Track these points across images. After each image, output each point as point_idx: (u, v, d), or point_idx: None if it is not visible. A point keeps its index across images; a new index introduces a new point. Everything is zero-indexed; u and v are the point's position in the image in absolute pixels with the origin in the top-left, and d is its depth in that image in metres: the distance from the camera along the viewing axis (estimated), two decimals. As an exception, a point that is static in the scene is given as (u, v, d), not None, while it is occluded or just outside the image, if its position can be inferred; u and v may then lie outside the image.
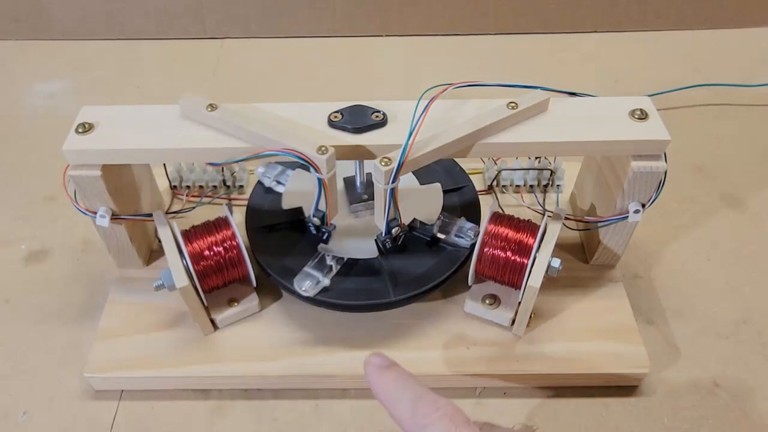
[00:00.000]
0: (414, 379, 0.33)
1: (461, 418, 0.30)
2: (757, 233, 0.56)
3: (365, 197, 0.48)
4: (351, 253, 0.45)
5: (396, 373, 0.33)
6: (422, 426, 0.30)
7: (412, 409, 0.31)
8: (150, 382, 0.45)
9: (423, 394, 0.31)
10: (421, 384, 0.32)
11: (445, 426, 0.29)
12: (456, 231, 0.46)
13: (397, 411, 0.31)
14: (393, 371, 0.33)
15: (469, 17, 0.82)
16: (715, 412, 0.44)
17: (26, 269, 0.54)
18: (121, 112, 0.43)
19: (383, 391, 0.32)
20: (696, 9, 0.82)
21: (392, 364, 0.33)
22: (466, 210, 0.49)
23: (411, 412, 0.31)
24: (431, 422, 0.30)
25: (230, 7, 0.81)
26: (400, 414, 0.31)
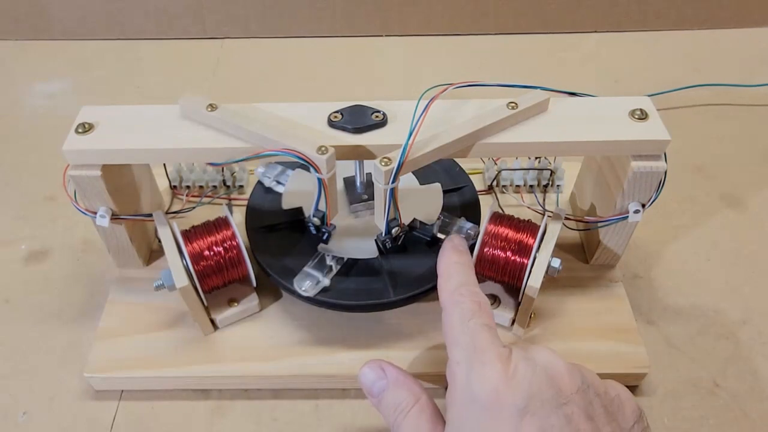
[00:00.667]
0: (473, 273, 0.37)
1: (488, 310, 0.34)
2: (757, 233, 0.56)
3: (365, 197, 0.48)
4: (351, 253, 0.45)
5: (463, 258, 0.38)
6: (455, 302, 0.34)
7: (456, 287, 0.35)
8: (150, 382, 0.45)
9: (472, 284, 0.36)
10: (476, 279, 0.37)
11: (472, 307, 0.34)
12: (456, 231, 0.46)
13: (445, 284, 0.36)
14: (463, 256, 0.38)
15: (469, 17, 0.82)
16: (715, 412, 0.44)
17: (26, 269, 0.54)
18: (121, 112, 0.43)
19: (445, 265, 0.37)
20: (696, 9, 0.82)
21: (466, 252, 0.39)
22: (466, 210, 0.49)
23: (455, 288, 0.35)
24: (463, 301, 0.34)
25: (230, 7, 0.81)
26: (447, 286, 0.36)
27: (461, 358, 0.32)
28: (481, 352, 0.31)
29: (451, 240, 0.39)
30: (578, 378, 0.31)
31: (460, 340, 0.33)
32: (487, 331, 0.33)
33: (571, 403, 0.29)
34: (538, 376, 0.30)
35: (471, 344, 0.32)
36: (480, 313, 0.34)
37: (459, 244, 0.39)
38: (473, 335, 0.32)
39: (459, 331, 0.33)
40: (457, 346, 0.33)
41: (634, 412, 0.32)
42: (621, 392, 0.32)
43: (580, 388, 0.30)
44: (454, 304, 0.34)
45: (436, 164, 0.48)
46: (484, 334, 0.32)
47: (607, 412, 0.30)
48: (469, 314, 0.33)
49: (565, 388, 0.30)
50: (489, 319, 0.34)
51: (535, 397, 0.29)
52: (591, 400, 0.30)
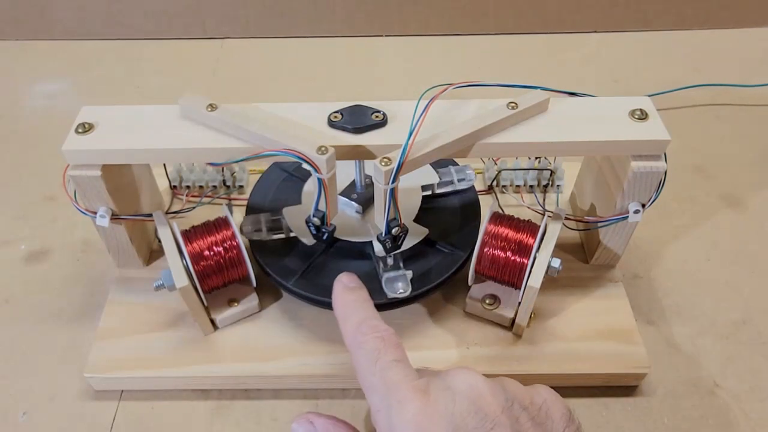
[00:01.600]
0: (371, 306, 0.36)
1: (393, 341, 0.33)
2: (757, 233, 0.56)
3: (354, 196, 0.48)
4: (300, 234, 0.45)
5: (357, 295, 0.36)
6: (359, 342, 0.33)
7: (357, 326, 0.34)
8: (150, 382, 0.45)
9: (371, 318, 0.34)
10: (376, 312, 0.35)
11: (376, 345, 0.32)
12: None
13: (345, 326, 0.35)
14: (356, 293, 0.37)
15: (469, 17, 0.82)
16: (715, 412, 0.44)
17: (26, 269, 0.54)
18: (121, 112, 0.43)
19: (341, 307, 0.36)
20: (696, 9, 0.82)
21: (359, 287, 0.37)
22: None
23: (354, 328, 0.34)
24: (366, 341, 0.33)
25: (230, 7, 0.81)
26: (346, 329, 0.35)
27: (379, 403, 0.30)
28: (395, 390, 0.30)
29: (339, 280, 0.38)
30: (501, 396, 0.30)
31: (372, 383, 0.31)
32: (395, 366, 0.31)
33: (498, 426, 0.28)
34: (460, 405, 0.29)
35: (383, 385, 0.31)
36: (385, 349, 0.32)
37: (348, 281, 0.37)
38: (383, 375, 0.31)
39: (369, 375, 0.32)
40: (372, 392, 0.31)
41: (563, 415, 0.31)
42: (547, 397, 0.32)
43: (505, 406, 0.29)
44: (358, 347, 0.33)
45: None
46: (393, 371, 0.31)
47: (535, 423, 0.30)
48: (374, 354, 0.32)
49: (490, 411, 0.29)
50: (397, 353, 0.32)
51: (459, 428, 0.28)
52: (517, 417, 0.29)
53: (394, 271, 0.44)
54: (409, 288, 0.42)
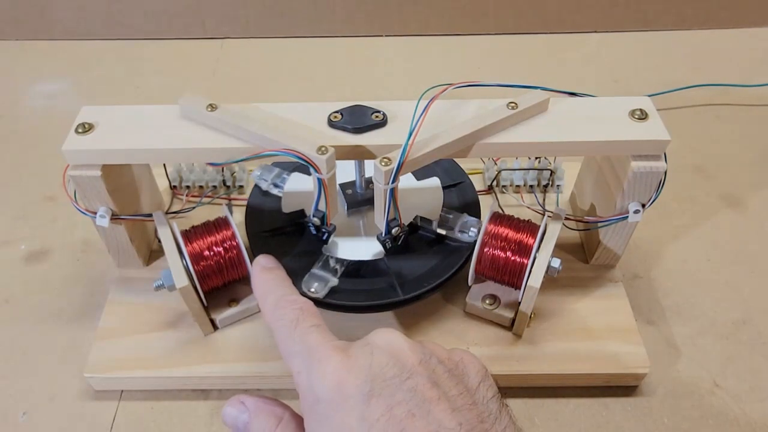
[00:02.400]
0: (290, 284, 0.37)
1: (312, 310, 0.34)
2: (757, 233, 0.56)
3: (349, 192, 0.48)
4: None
5: (275, 275, 0.37)
6: (277, 317, 0.33)
7: (275, 302, 0.34)
8: (150, 382, 0.45)
9: (289, 294, 0.35)
10: (294, 288, 0.36)
11: (295, 315, 0.33)
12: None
13: (264, 305, 0.35)
14: (274, 272, 0.38)
15: (469, 17, 0.82)
16: (715, 412, 0.44)
17: (26, 269, 0.54)
18: (121, 112, 0.43)
19: (259, 286, 0.37)
20: (696, 9, 0.82)
21: (276, 267, 0.38)
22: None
23: (273, 304, 0.34)
24: (284, 313, 0.33)
25: (230, 7, 0.81)
26: (265, 306, 0.35)
27: (299, 365, 0.31)
28: (315, 350, 0.31)
29: (257, 262, 0.39)
30: (419, 350, 0.31)
31: (293, 349, 0.32)
32: (315, 330, 0.32)
33: (414, 375, 0.29)
34: (378, 358, 0.30)
35: (304, 348, 0.31)
36: (303, 317, 0.33)
37: (266, 262, 0.39)
38: (303, 339, 0.32)
39: (289, 342, 0.32)
40: (292, 357, 0.32)
41: (479, 372, 0.32)
42: (464, 356, 0.32)
43: (422, 359, 0.30)
44: (278, 320, 0.33)
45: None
46: (313, 335, 0.32)
47: (451, 375, 0.30)
48: (294, 322, 0.33)
49: (407, 363, 0.30)
50: (316, 320, 0.33)
51: (377, 378, 0.29)
52: (434, 368, 0.30)
53: (323, 272, 0.44)
54: (323, 293, 0.43)
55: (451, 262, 0.45)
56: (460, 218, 0.46)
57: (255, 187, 0.51)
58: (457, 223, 0.46)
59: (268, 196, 0.50)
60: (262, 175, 0.51)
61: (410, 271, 0.44)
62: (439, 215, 0.47)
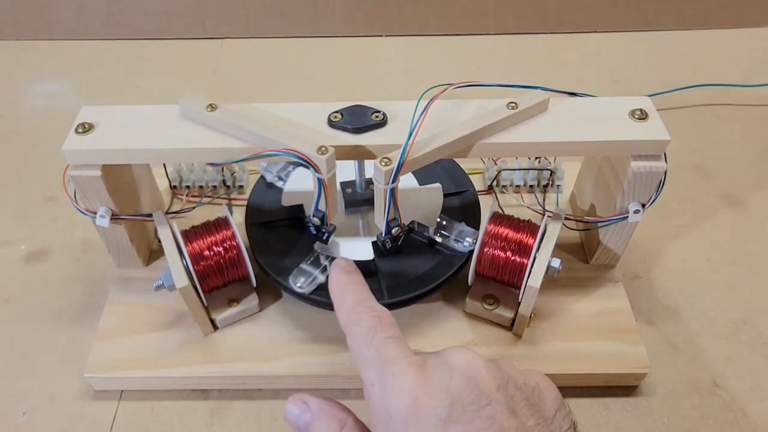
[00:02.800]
0: (367, 290, 0.36)
1: (389, 320, 0.33)
2: (757, 233, 0.56)
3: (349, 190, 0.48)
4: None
5: (353, 278, 0.36)
6: (354, 321, 0.33)
7: (352, 306, 0.34)
8: (150, 382, 0.45)
9: (366, 299, 0.34)
10: (371, 295, 0.35)
11: (372, 323, 0.32)
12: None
13: (341, 306, 0.35)
14: (353, 276, 0.37)
15: (469, 17, 0.82)
16: (715, 412, 0.44)
17: (26, 269, 0.54)
18: (121, 112, 0.43)
19: (337, 289, 0.36)
20: (696, 9, 0.82)
21: (355, 271, 0.37)
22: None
23: (350, 308, 0.34)
24: (361, 318, 0.33)
25: (230, 7, 0.81)
26: (341, 310, 0.34)
27: (373, 377, 0.30)
28: (391, 364, 0.30)
29: (337, 264, 0.37)
30: (497, 374, 0.30)
31: (367, 359, 0.31)
32: (393, 342, 0.31)
33: (493, 402, 0.29)
34: (456, 380, 0.29)
35: (379, 360, 0.30)
36: (381, 327, 0.32)
37: (346, 265, 0.37)
38: (379, 350, 0.31)
39: (365, 350, 0.31)
40: (366, 367, 0.31)
41: (555, 399, 0.31)
42: (540, 381, 0.32)
43: (500, 384, 0.30)
44: (354, 324, 0.33)
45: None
46: (390, 347, 0.31)
47: (529, 404, 0.30)
48: (371, 331, 0.32)
49: (486, 388, 0.29)
50: (393, 330, 0.32)
51: (457, 404, 0.28)
52: (512, 395, 0.30)
53: (312, 268, 0.44)
54: (308, 289, 0.43)
55: (442, 271, 0.44)
56: (457, 226, 0.46)
57: (260, 179, 0.51)
58: (453, 232, 0.46)
59: (272, 188, 0.50)
60: (267, 167, 0.51)
61: (399, 275, 0.44)
62: (436, 221, 0.46)
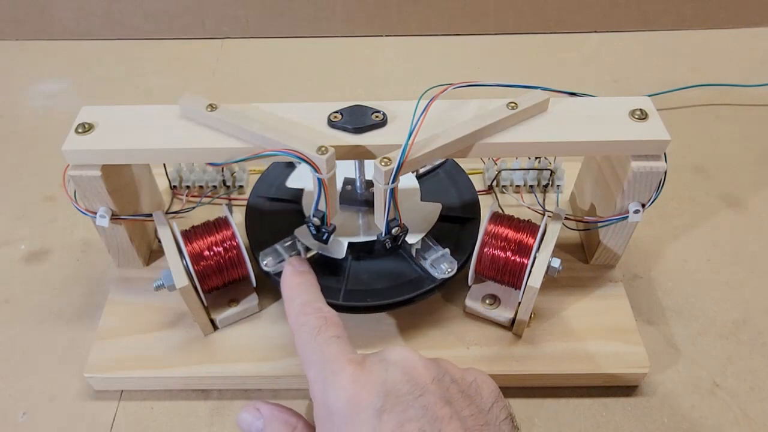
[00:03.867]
0: (318, 290, 0.37)
1: (335, 320, 0.34)
2: (757, 233, 0.56)
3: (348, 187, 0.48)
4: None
5: (305, 278, 0.37)
6: (301, 322, 0.34)
7: (300, 306, 0.35)
8: (150, 382, 0.45)
9: (315, 300, 0.36)
10: (321, 296, 0.36)
11: (317, 323, 0.33)
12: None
13: (290, 306, 0.36)
14: (304, 276, 0.38)
15: (469, 17, 0.82)
16: (715, 412, 0.44)
17: (26, 269, 0.54)
18: (121, 112, 0.43)
19: (287, 288, 0.37)
20: (696, 9, 0.82)
21: (308, 272, 0.38)
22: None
23: (299, 309, 0.35)
24: (308, 320, 0.34)
25: (230, 7, 0.81)
26: (290, 309, 0.36)
27: (316, 375, 0.31)
28: (332, 361, 0.31)
29: (290, 263, 0.39)
30: (433, 368, 0.31)
31: (311, 358, 0.32)
32: (335, 342, 0.32)
33: (427, 393, 0.29)
34: (393, 374, 0.30)
35: (321, 358, 0.32)
36: (326, 327, 0.33)
37: (298, 264, 0.39)
38: (322, 349, 0.32)
39: (309, 351, 0.33)
40: (309, 365, 0.32)
41: (492, 393, 0.32)
42: (478, 376, 0.33)
43: (436, 377, 0.30)
44: (301, 325, 0.34)
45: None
46: (332, 346, 0.32)
47: (464, 395, 0.30)
48: (315, 330, 0.33)
49: (421, 380, 0.30)
50: (337, 330, 0.33)
51: (391, 394, 0.29)
52: (447, 387, 0.30)
53: (285, 251, 0.44)
54: (274, 269, 0.43)
55: (405, 290, 0.43)
56: (437, 252, 0.44)
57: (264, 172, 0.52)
58: (432, 256, 0.44)
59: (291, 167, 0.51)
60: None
61: (364, 281, 0.44)
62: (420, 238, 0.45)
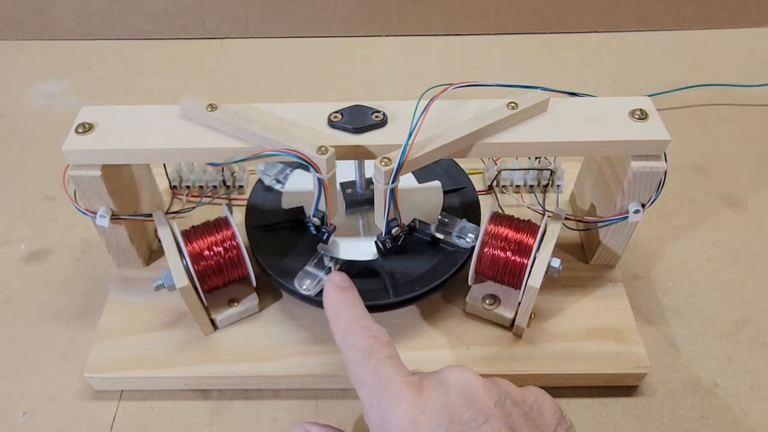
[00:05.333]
0: (362, 306, 0.36)
1: (385, 339, 0.33)
2: (757, 233, 0.56)
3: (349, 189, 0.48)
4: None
5: (348, 295, 0.36)
6: (350, 341, 0.33)
7: (347, 325, 0.34)
8: (150, 382, 0.45)
9: (361, 317, 0.34)
10: (366, 312, 0.35)
11: (368, 343, 0.32)
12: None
13: (336, 325, 0.35)
14: (347, 292, 0.36)
15: (469, 17, 0.82)
16: (715, 412, 0.44)
17: (26, 269, 0.54)
18: (121, 112, 0.43)
19: (331, 306, 0.36)
20: (696, 9, 0.82)
21: (350, 287, 0.37)
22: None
23: (345, 327, 0.34)
24: (357, 339, 0.33)
25: (230, 7, 0.81)
26: (337, 328, 0.34)
27: (371, 399, 0.30)
28: (388, 385, 0.30)
29: (331, 279, 0.37)
30: (494, 391, 0.30)
31: (365, 380, 0.31)
32: (389, 363, 0.31)
33: (491, 419, 0.28)
34: (453, 399, 0.29)
35: (376, 382, 0.30)
36: (378, 347, 0.32)
37: (340, 281, 0.37)
38: (376, 371, 0.31)
39: (362, 372, 0.31)
40: (364, 389, 0.31)
41: (555, 413, 0.31)
42: (539, 396, 0.32)
43: (497, 401, 0.30)
44: (349, 345, 0.33)
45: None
46: (386, 368, 0.31)
47: (528, 419, 0.30)
48: (367, 352, 0.32)
49: (483, 405, 0.29)
50: (389, 350, 0.32)
51: (454, 421, 0.28)
52: (510, 411, 0.29)
53: (317, 270, 0.44)
54: (314, 291, 0.43)
55: (446, 267, 0.45)
56: (458, 223, 0.46)
57: (258, 182, 0.51)
58: (455, 228, 0.46)
59: (271, 191, 0.50)
60: (265, 171, 0.51)
61: (404, 274, 0.44)
62: (437, 218, 0.46)
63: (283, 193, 0.50)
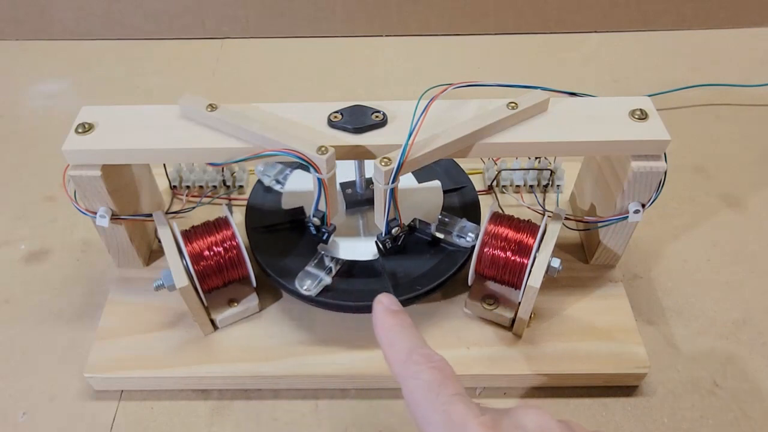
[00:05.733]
0: (417, 332, 0.33)
1: (449, 372, 0.31)
2: (757, 233, 0.56)
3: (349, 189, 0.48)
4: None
5: (400, 319, 0.34)
6: (414, 372, 0.31)
7: (407, 354, 0.31)
8: (150, 382, 0.45)
9: (421, 345, 0.32)
10: (421, 337, 0.33)
11: (434, 377, 0.30)
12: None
13: (393, 353, 0.32)
14: (399, 316, 0.34)
15: (469, 17, 0.82)
16: (715, 412, 0.44)
17: (26, 269, 0.54)
18: (121, 112, 0.43)
19: (384, 332, 0.33)
20: (696, 9, 0.82)
21: (400, 310, 0.34)
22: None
23: (405, 356, 0.31)
24: (421, 371, 0.30)
25: (230, 7, 0.81)
26: (394, 356, 0.32)
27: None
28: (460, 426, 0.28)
29: (379, 302, 0.35)
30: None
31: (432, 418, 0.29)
32: (459, 401, 0.29)
33: None
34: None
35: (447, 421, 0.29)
36: (445, 382, 0.30)
37: (390, 303, 0.35)
38: (446, 410, 0.29)
39: (429, 410, 0.29)
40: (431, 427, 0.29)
41: None
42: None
43: None
44: (412, 377, 0.31)
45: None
46: (458, 407, 0.29)
47: None
48: (435, 387, 0.30)
49: None
50: (457, 386, 0.30)
51: None
52: None
53: (318, 270, 0.44)
54: (315, 291, 0.42)
55: (447, 267, 0.45)
56: (458, 222, 0.46)
57: (257, 183, 0.51)
58: (455, 227, 0.46)
59: (270, 192, 0.50)
60: (265, 171, 0.51)
61: (405, 273, 0.44)
62: (437, 218, 0.46)
63: (282, 194, 0.50)
